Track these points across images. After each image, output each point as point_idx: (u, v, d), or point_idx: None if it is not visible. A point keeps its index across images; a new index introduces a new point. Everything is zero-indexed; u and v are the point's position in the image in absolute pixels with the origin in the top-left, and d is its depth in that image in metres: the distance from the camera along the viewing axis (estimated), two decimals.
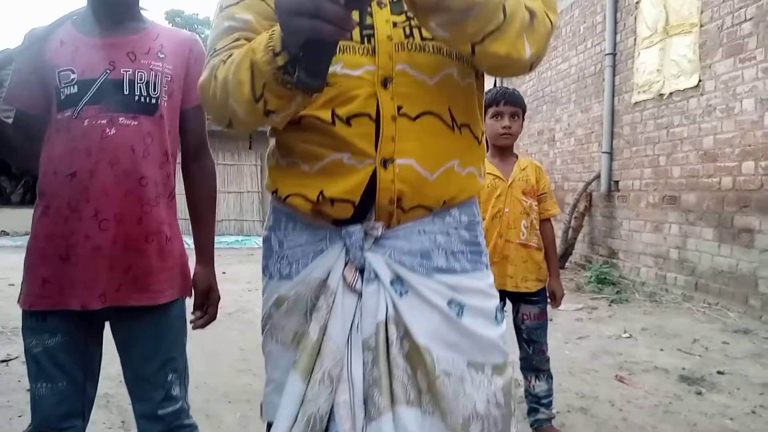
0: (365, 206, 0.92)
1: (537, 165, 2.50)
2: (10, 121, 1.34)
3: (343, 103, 0.90)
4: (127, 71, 1.34)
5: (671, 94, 5.48)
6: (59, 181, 1.31)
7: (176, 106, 1.43)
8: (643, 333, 4.18)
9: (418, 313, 0.91)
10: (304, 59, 0.71)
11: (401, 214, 0.93)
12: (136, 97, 1.34)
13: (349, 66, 0.90)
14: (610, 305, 5.09)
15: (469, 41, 0.80)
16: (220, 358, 3.50)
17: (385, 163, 0.90)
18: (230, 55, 0.87)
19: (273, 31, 0.77)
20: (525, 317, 2.41)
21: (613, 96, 6.52)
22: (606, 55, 6.56)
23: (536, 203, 2.44)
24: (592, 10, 7.14)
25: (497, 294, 1.02)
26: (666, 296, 5.26)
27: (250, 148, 12.38)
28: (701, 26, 5.08)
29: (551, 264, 2.45)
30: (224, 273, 6.36)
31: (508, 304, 2.46)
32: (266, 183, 1.03)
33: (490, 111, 2.35)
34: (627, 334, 4.14)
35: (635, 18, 6.12)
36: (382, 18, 0.92)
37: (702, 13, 5.08)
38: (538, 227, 2.43)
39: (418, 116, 0.92)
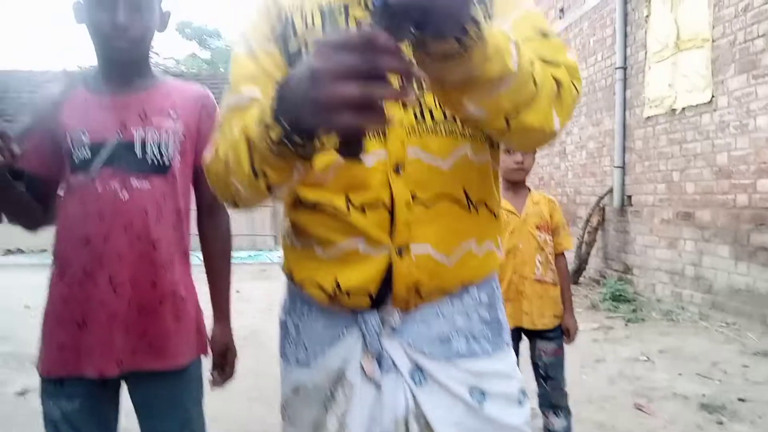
0: (382, 293, 0.90)
1: (550, 198, 2.48)
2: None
3: (356, 189, 0.89)
4: (138, 132, 1.34)
5: (684, 109, 5.44)
6: (74, 245, 1.31)
7: (189, 164, 1.43)
8: (661, 356, 4.12)
9: (439, 404, 0.89)
10: (349, 138, 0.65)
11: (419, 299, 0.91)
12: (149, 159, 1.34)
13: None
14: (626, 324, 5.04)
15: (504, 115, 0.76)
16: (233, 387, 3.48)
17: (401, 251, 0.88)
18: (231, 132, 0.85)
19: (263, 104, 0.74)
20: (542, 353, 2.39)
21: (625, 110, 6.48)
22: (616, 68, 6.53)
23: (550, 237, 2.42)
24: (601, 23, 7.12)
25: (520, 375, 1.00)
26: (682, 314, 5.20)
27: None
28: (713, 41, 5.04)
29: (565, 299, 2.43)
30: (238, 292, 6.37)
31: (525, 340, 2.45)
32: (282, 263, 1.02)
33: (503, 145, 2.33)
34: (644, 357, 4.09)
35: (645, 32, 6.09)
36: None
37: (714, 28, 5.04)
38: (552, 262, 2.41)
39: (432, 202, 0.90)
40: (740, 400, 3.25)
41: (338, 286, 0.90)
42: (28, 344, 4.72)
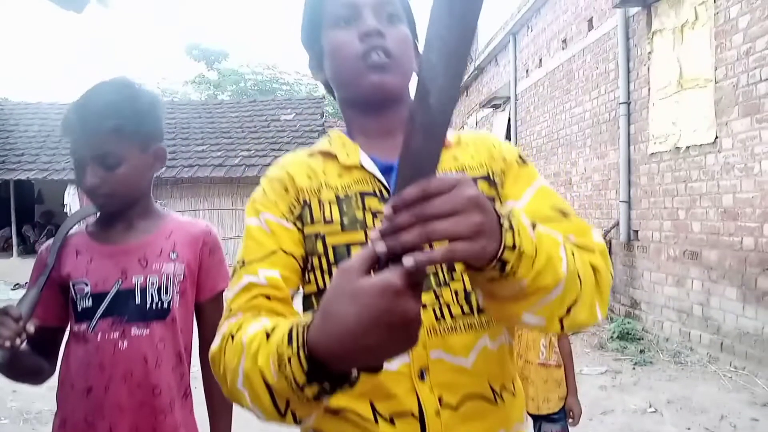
0: None
1: None
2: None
3: (382, 398, 0.87)
4: (138, 279, 1.35)
5: (688, 148, 5.43)
6: (76, 395, 1.33)
7: (189, 302, 1.44)
8: (669, 406, 4.09)
9: None
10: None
11: None
12: (148, 305, 1.35)
13: None
14: (633, 368, 5.00)
15: (558, 318, 0.76)
16: None
17: None
18: (240, 328, 0.81)
19: (282, 351, 0.68)
20: None
21: (629, 145, 6.48)
22: (620, 104, 6.53)
23: None
24: (604, 57, 7.13)
25: None
26: (691, 356, 5.16)
27: None
28: (716, 82, 5.04)
29: (569, 381, 2.42)
30: None
31: (529, 420, 2.44)
32: None
33: None
34: (652, 409, 4.06)
35: (648, 68, 6.09)
36: None
37: (716, 69, 5.03)
38: (556, 344, 2.41)
39: (460, 403, 0.89)
40: None
41: None
42: (37, 397, 4.74)
